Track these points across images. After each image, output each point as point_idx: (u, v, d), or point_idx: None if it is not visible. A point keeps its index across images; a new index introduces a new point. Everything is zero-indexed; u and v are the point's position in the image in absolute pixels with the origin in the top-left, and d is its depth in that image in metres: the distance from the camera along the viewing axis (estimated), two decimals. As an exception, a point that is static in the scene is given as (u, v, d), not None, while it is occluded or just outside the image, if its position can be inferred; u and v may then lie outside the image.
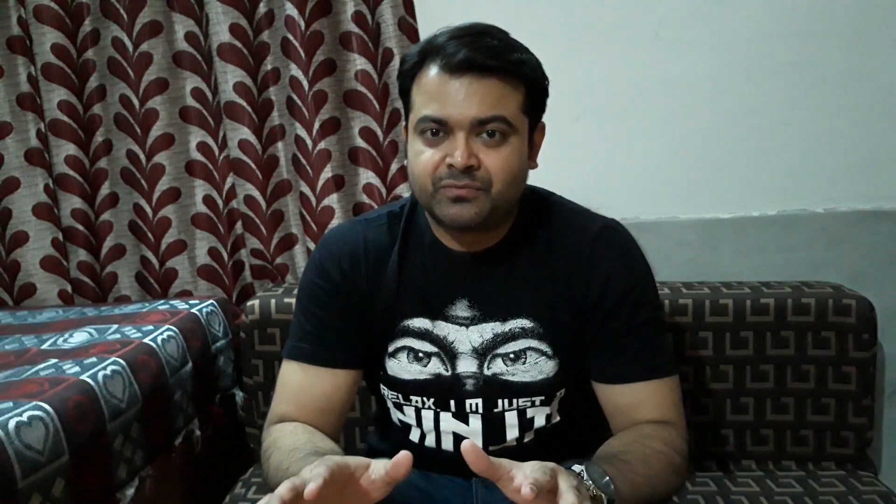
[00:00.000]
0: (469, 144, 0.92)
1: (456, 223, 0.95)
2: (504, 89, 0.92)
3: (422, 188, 0.96)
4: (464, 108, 0.91)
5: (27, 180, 1.72)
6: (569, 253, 1.02)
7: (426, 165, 0.94)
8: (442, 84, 0.92)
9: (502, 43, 0.94)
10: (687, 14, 1.52)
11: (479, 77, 0.91)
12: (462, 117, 0.91)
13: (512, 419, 1.05)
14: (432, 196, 0.95)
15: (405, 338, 1.05)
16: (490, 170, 0.93)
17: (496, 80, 0.91)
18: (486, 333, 1.02)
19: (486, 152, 0.93)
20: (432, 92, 0.93)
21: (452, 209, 0.93)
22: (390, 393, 1.08)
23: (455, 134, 0.92)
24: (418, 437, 1.08)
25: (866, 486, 1.33)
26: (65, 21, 1.66)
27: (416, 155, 0.95)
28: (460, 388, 1.04)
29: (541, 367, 1.02)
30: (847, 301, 1.38)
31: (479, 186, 0.93)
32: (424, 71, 0.94)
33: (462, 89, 0.91)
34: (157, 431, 1.30)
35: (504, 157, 0.93)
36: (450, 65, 0.91)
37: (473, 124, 0.91)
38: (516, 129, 0.94)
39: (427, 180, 0.94)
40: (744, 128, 1.55)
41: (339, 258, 1.06)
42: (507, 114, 0.92)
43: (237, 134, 1.64)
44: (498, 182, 0.93)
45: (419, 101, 0.95)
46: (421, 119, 0.93)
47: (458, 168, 0.91)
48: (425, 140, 0.94)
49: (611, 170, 1.59)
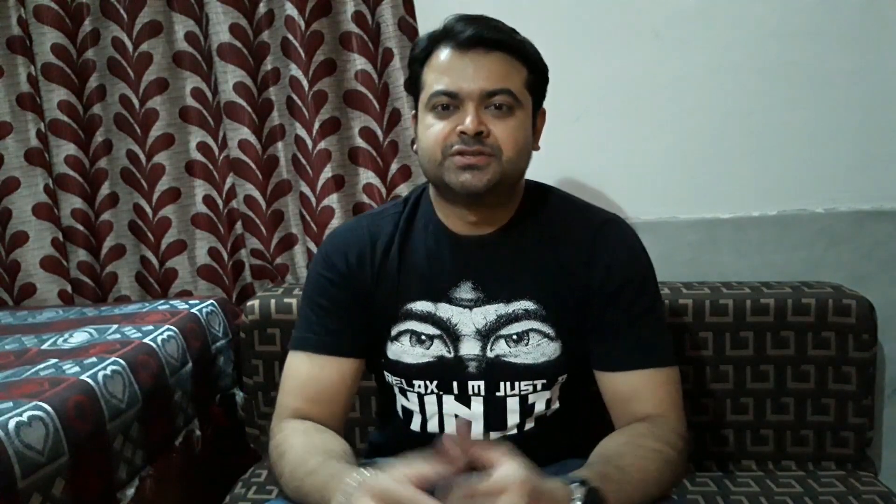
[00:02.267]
0: (479, 114, 0.97)
1: (466, 189, 0.98)
2: (510, 65, 0.99)
3: (431, 158, 0.99)
4: (473, 80, 0.97)
5: (27, 180, 1.72)
6: (572, 240, 1.04)
7: (437, 136, 0.98)
8: (452, 60, 0.98)
9: (505, 26, 1.02)
10: (687, 14, 1.52)
11: (486, 52, 0.97)
12: (472, 89, 0.96)
13: (513, 404, 1.05)
14: (441, 164, 0.98)
15: (408, 321, 1.06)
16: (499, 138, 0.97)
17: (502, 56, 0.98)
18: (489, 315, 1.04)
19: (495, 122, 0.98)
20: (443, 68, 0.99)
21: (463, 176, 0.97)
22: (394, 379, 1.09)
23: (465, 105, 0.97)
24: (420, 424, 1.09)
25: (866, 486, 1.33)
26: (65, 21, 1.66)
27: (426, 128, 1.00)
28: (463, 370, 1.05)
29: (543, 349, 1.04)
30: (847, 301, 1.38)
31: (489, 152, 0.97)
32: (435, 53, 1.00)
33: (471, 63, 0.97)
34: (157, 431, 1.30)
35: (512, 127, 0.98)
36: (458, 41, 0.98)
37: (482, 96, 0.97)
38: (521, 104, 0.99)
39: (437, 150, 0.98)
40: (744, 128, 1.55)
41: (346, 251, 1.08)
42: (513, 87, 0.98)
43: (237, 134, 1.64)
44: (507, 149, 0.98)
45: (430, 79, 1.00)
46: (433, 94, 0.99)
47: (468, 133, 0.96)
48: (436, 114, 0.99)
49: (611, 170, 1.59)
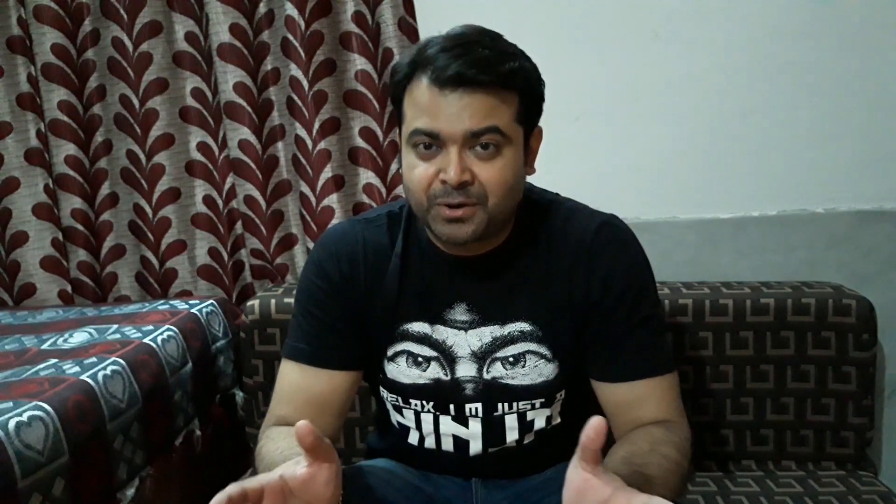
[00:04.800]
0: (462, 159, 0.90)
1: (452, 241, 0.94)
2: (496, 101, 0.90)
3: (417, 203, 0.95)
4: (456, 121, 0.89)
5: (27, 180, 1.72)
6: (568, 251, 1.01)
7: (420, 181, 0.92)
8: (433, 97, 0.89)
9: (494, 53, 0.90)
10: (687, 14, 1.52)
11: (470, 91, 0.88)
12: (454, 131, 0.89)
13: (512, 422, 1.04)
14: (428, 212, 0.93)
15: (404, 342, 1.04)
16: (485, 183, 0.91)
17: (488, 93, 0.89)
18: (484, 337, 1.02)
19: (480, 165, 0.91)
20: (423, 105, 0.90)
21: (447, 229, 0.92)
22: (390, 395, 1.08)
23: (448, 148, 0.90)
24: (417, 439, 1.08)
25: (866, 486, 1.33)
26: (65, 21, 1.66)
27: (409, 168, 0.94)
28: (460, 392, 1.03)
29: (540, 370, 1.02)
30: (847, 301, 1.38)
31: (474, 202, 0.91)
32: (415, 83, 0.92)
33: (454, 103, 0.88)
34: (157, 431, 1.30)
35: (499, 168, 0.91)
36: (440, 79, 0.88)
37: (466, 137, 0.89)
38: (510, 140, 0.92)
39: (422, 196, 0.93)
40: (744, 128, 1.55)
41: (339, 258, 1.05)
42: (501, 125, 0.90)
43: (237, 134, 1.64)
44: (493, 195, 0.91)
45: (410, 113, 0.92)
46: (413, 132, 0.91)
47: (451, 185, 0.89)
48: (418, 153, 0.92)
49: (611, 170, 1.59)
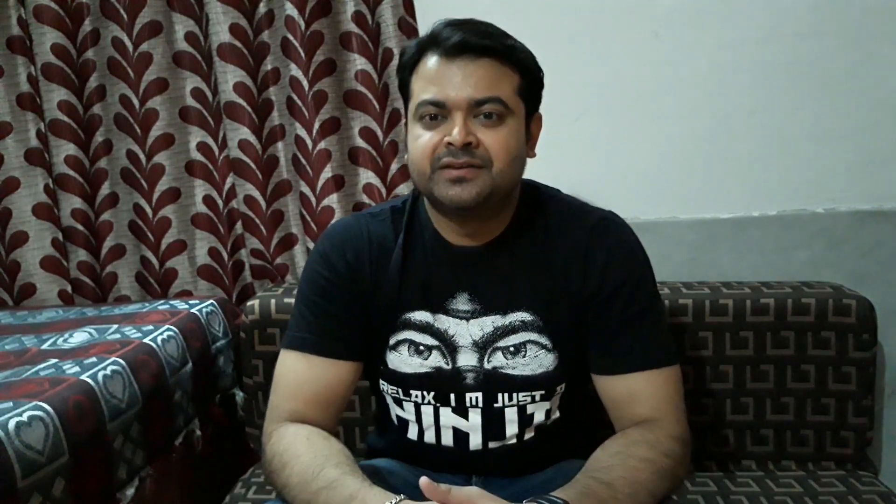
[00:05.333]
0: (467, 124, 0.93)
1: (456, 203, 0.95)
2: (499, 71, 0.95)
3: (420, 171, 0.97)
4: (461, 89, 0.93)
5: (27, 180, 1.72)
6: (566, 243, 1.03)
7: (425, 148, 0.95)
8: (439, 68, 0.94)
9: (496, 30, 0.97)
10: (687, 14, 1.52)
11: (474, 59, 0.93)
12: (459, 98, 0.93)
13: (511, 415, 1.05)
14: (430, 178, 0.96)
15: (406, 331, 1.05)
16: (489, 148, 0.94)
17: (491, 63, 0.94)
18: (486, 327, 1.03)
19: (484, 132, 0.94)
20: (430, 77, 0.95)
21: (452, 190, 0.94)
22: (390, 388, 1.08)
23: (453, 115, 0.94)
24: (416, 433, 1.09)
25: (866, 486, 1.33)
26: (65, 21, 1.66)
27: (415, 139, 0.97)
28: (461, 381, 1.04)
29: (541, 361, 1.03)
30: (847, 301, 1.38)
31: (479, 164, 0.94)
32: (423, 61, 0.97)
33: (459, 72, 0.93)
34: (157, 431, 1.30)
35: (503, 135, 0.95)
36: (445, 48, 0.94)
37: (471, 105, 0.93)
38: (512, 111, 0.96)
39: (426, 162, 0.95)
40: (744, 128, 1.56)
41: (344, 250, 1.06)
42: (503, 95, 0.94)
43: (237, 134, 1.64)
44: (498, 160, 0.94)
45: (418, 87, 0.97)
46: (420, 104, 0.95)
47: (456, 145, 0.92)
48: (424, 124, 0.96)
49: (611, 170, 1.59)
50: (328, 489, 0.89)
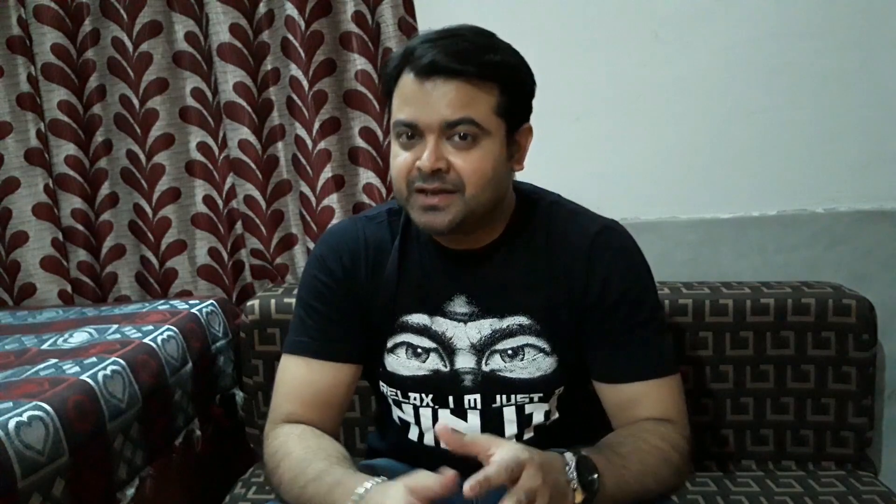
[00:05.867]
0: (439, 147, 0.92)
1: (429, 230, 0.96)
2: (473, 91, 0.91)
3: (399, 192, 0.97)
4: (432, 111, 0.91)
5: (27, 180, 1.72)
6: (568, 251, 1.02)
7: (400, 169, 0.95)
8: (414, 88, 0.92)
9: (473, 45, 0.93)
10: (687, 14, 1.52)
11: (446, 80, 0.90)
12: (431, 120, 0.91)
13: (510, 415, 1.05)
14: (407, 200, 0.96)
15: (404, 333, 1.05)
16: (461, 172, 0.92)
17: (465, 83, 0.91)
18: (484, 329, 1.03)
19: (457, 154, 0.92)
20: (405, 96, 0.93)
21: (424, 217, 0.94)
22: (389, 390, 1.08)
23: (426, 137, 0.92)
24: (417, 435, 1.08)
25: (866, 486, 1.33)
26: (65, 21, 1.66)
27: (393, 157, 0.96)
28: (459, 383, 1.04)
29: (539, 364, 1.03)
30: (847, 301, 1.38)
31: (450, 189, 0.92)
32: (401, 77, 0.94)
33: (431, 92, 0.91)
34: (157, 431, 1.30)
35: (476, 159, 0.92)
36: (417, 68, 0.91)
37: (442, 127, 0.91)
38: (488, 132, 0.93)
39: (402, 184, 0.95)
40: (744, 128, 1.55)
41: (341, 254, 1.06)
42: (477, 116, 0.91)
43: (237, 134, 1.64)
44: (470, 185, 0.92)
45: (395, 105, 0.95)
46: (395, 123, 0.95)
47: (424, 171, 0.91)
48: (401, 143, 0.95)
49: (611, 170, 1.59)
50: (315, 481, 0.90)
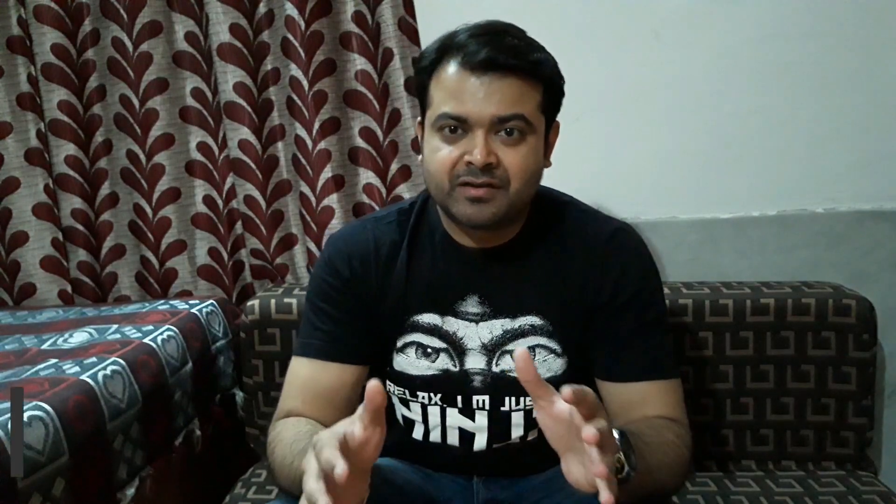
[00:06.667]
0: (488, 142, 0.92)
1: (473, 223, 0.95)
2: (523, 88, 0.93)
3: (438, 185, 0.96)
4: (484, 106, 0.91)
5: (27, 180, 1.72)
6: (582, 252, 1.03)
7: (444, 162, 0.94)
8: (462, 81, 0.92)
9: (523, 42, 0.95)
10: (687, 14, 1.52)
11: (499, 76, 0.91)
12: (482, 115, 0.91)
13: (518, 419, 1.05)
14: (448, 194, 0.95)
15: (414, 333, 1.05)
16: (508, 168, 0.93)
17: (516, 79, 0.92)
18: (495, 330, 1.03)
19: (505, 150, 0.93)
20: (452, 89, 0.93)
21: (470, 209, 0.94)
22: (396, 389, 1.08)
23: (474, 131, 0.92)
24: (422, 433, 1.09)
25: (866, 486, 1.33)
26: (65, 21, 1.66)
27: (433, 151, 0.95)
28: (468, 384, 1.04)
29: (549, 365, 1.03)
30: (847, 301, 1.38)
31: (497, 184, 0.93)
32: (443, 67, 0.94)
33: (482, 87, 0.91)
34: (157, 431, 1.30)
35: (522, 155, 0.94)
36: (471, 63, 0.91)
37: (493, 122, 0.92)
38: (534, 128, 0.95)
39: (444, 178, 0.94)
40: (744, 128, 1.56)
41: (350, 256, 1.06)
42: (526, 112, 0.93)
43: (237, 134, 1.64)
44: (516, 180, 0.94)
45: (438, 97, 0.95)
46: (440, 116, 0.94)
47: (477, 166, 0.92)
48: (443, 137, 0.94)
49: (611, 170, 1.59)
50: (301, 453, 0.87)
